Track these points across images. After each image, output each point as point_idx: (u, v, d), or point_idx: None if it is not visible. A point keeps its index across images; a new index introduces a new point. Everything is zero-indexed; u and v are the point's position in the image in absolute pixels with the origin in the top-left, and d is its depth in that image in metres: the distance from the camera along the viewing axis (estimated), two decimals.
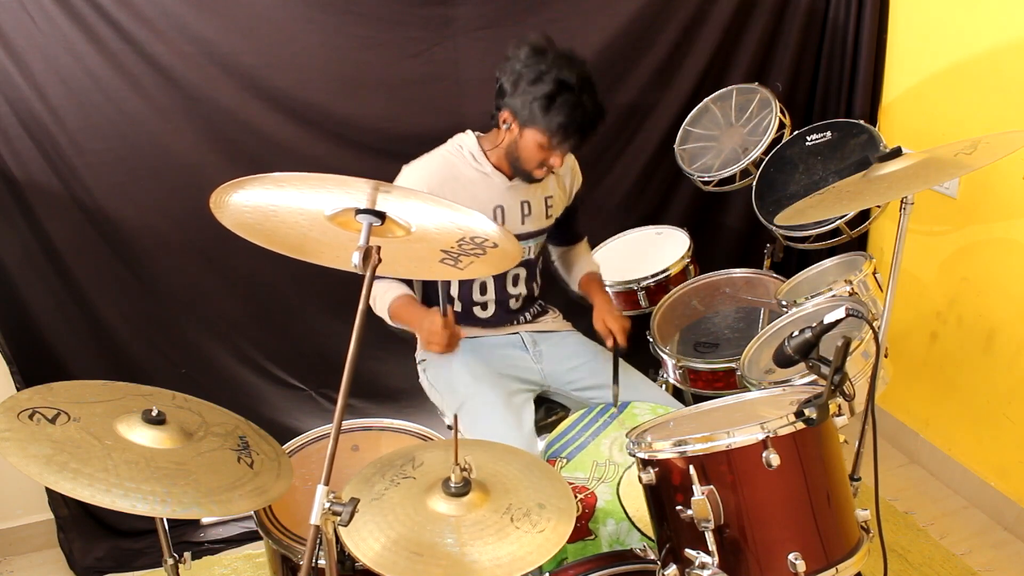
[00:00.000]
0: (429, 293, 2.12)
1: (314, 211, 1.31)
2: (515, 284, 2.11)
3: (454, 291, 2.08)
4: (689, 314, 2.40)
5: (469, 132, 2.03)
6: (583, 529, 1.69)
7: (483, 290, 2.08)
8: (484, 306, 2.10)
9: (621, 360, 2.14)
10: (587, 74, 1.86)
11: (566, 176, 2.14)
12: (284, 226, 1.35)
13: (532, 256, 2.12)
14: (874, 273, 2.05)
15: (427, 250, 1.40)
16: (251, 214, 1.32)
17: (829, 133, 2.34)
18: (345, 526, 1.20)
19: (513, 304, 2.13)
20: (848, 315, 1.37)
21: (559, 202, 2.13)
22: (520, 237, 2.05)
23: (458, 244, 1.37)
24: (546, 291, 2.26)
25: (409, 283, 2.06)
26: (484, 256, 1.40)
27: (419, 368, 2.18)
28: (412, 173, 1.97)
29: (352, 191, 1.26)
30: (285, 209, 1.31)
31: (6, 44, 2.04)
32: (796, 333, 1.41)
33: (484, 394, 1.95)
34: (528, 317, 2.17)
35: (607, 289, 2.40)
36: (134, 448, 1.36)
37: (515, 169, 1.97)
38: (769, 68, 2.72)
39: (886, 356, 2.03)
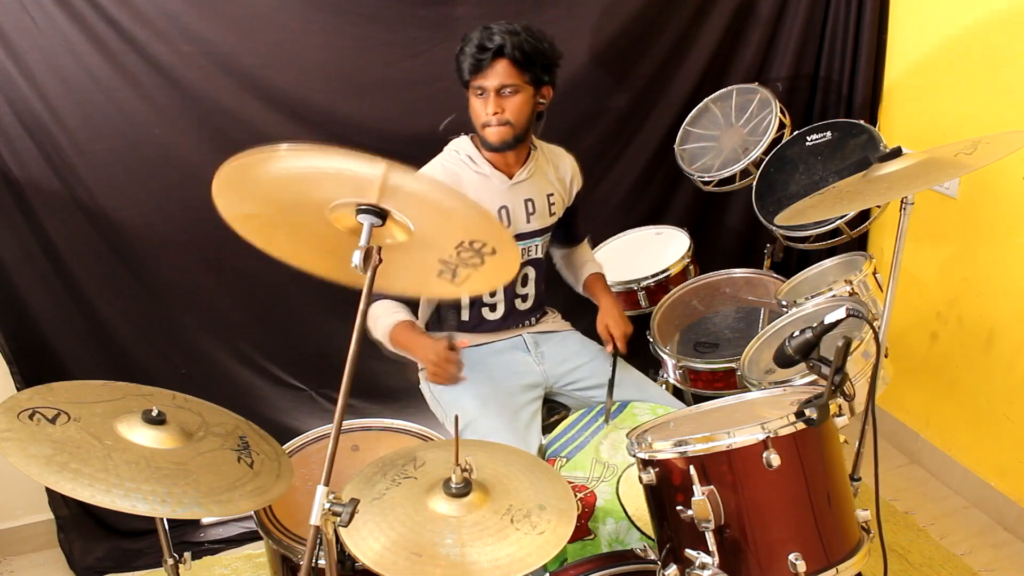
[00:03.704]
0: (439, 302, 2.11)
1: (316, 205, 1.29)
2: (524, 284, 2.11)
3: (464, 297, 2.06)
4: (689, 314, 2.40)
5: (463, 136, 2.03)
6: (582, 528, 1.69)
7: (492, 291, 2.08)
8: (493, 307, 2.09)
9: (621, 360, 2.15)
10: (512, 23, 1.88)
11: (566, 175, 2.14)
12: (285, 227, 1.35)
13: (540, 255, 2.12)
14: (874, 273, 2.05)
15: (425, 260, 1.39)
16: (252, 211, 1.31)
17: (829, 133, 2.34)
18: (345, 527, 1.20)
19: (520, 304, 2.12)
20: (848, 315, 1.37)
21: (560, 200, 2.12)
22: (526, 236, 2.06)
23: (456, 251, 1.36)
24: (545, 293, 2.26)
25: (413, 303, 2.06)
26: (482, 267, 1.39)
27: (420, 376, 2.16)
28: None
29: (360, 173, 1.23)
30: (287, 207, 1.31)
31: (6, 44, 2.04)
32: (796, 333, 1.41)
33: (490, 417, 1.92)
34: (533, 321, 2.17)
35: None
36: (134, 448, 1.36)
37: (482, 143, 1.96)
38: (769, 68, 2.72)
39: (886, 356, 2.03)
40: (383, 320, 1.97)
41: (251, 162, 1.22)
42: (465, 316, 2.10)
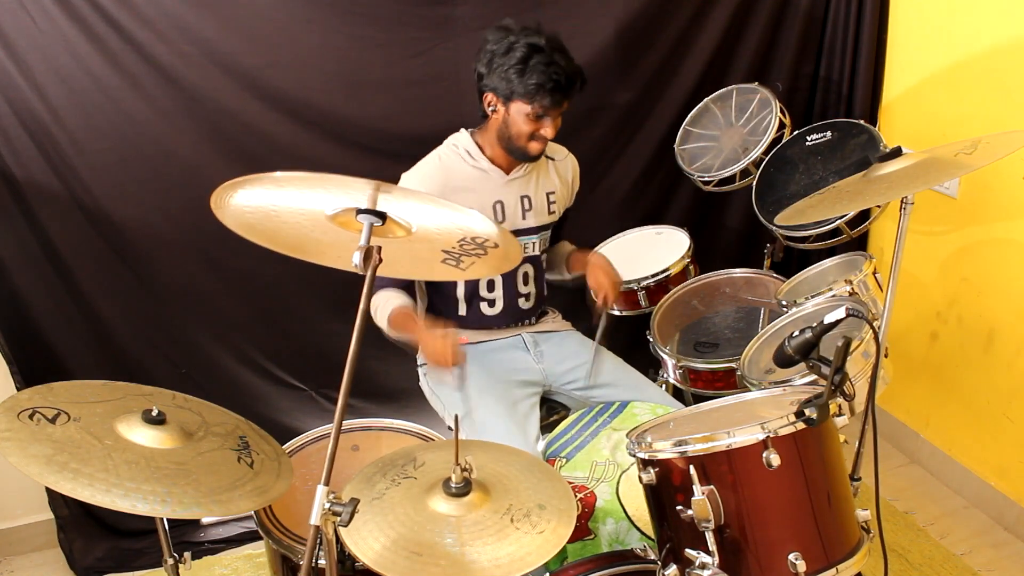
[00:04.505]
0: (433, 295, 2.11)
1: (315, 211, 1.30)
2: (525, 283, 2.11)
3: (460, 290, 2.06)
4: (689, 314, 2.40)
5: (463, 130, 2.04)
6: (583, 528, 1.69)
7: (491, 287, 2.07)
8: (492, 303, 2.09)
9: (621, 359, 2.15)
10: (555, 37, 1.88)
11: (567, 174, 2.14)
12: (285, 226, 1.35)
13: (537, 252, 2.11)
14: (874, 273, 2.05)
15: (428, 250, 1.40)
16: (252, 214, 1.32)
17: (829, 133, 2.34)
18: (345, 526, 1.20)
19: (523, 303, 2.12)
20: (848, 315, 1.37)
21: (562, 198, 2.13)
22: (523, 232, 2.06)
23: (459, 244, 1.37)
24: (545, 292, 2.26)
25: (412, 287, 2.06)
26: (485, 256, 1.40)
27: (420, 371, 2.18)
28: (411, 179, 1.97)
29: (353, 191, 1.26)
30: (286, 209, 1.31)
31: (6, 44, 2.04)
32: (796, 333, 1.41)
33: (489, 406, 1.94)
34: (532, 320, 2.17)
35: None
36: (134, 448, 1.36)
37: (510, 150, 1.96)
38: (769, 68, 2.72)
39: (886, 356, 2.03)
40: (383, 308, 1.97)
41: (246, 182, 1.23)
42: (463, 311, 2.09)
